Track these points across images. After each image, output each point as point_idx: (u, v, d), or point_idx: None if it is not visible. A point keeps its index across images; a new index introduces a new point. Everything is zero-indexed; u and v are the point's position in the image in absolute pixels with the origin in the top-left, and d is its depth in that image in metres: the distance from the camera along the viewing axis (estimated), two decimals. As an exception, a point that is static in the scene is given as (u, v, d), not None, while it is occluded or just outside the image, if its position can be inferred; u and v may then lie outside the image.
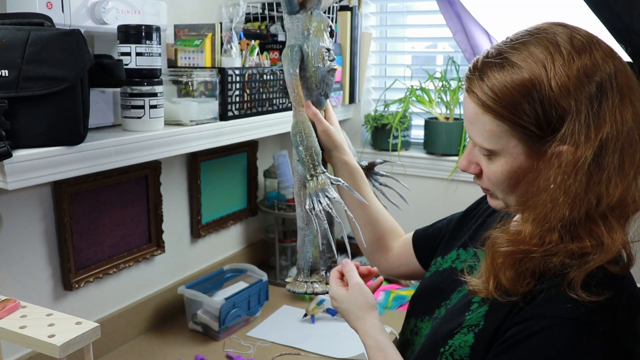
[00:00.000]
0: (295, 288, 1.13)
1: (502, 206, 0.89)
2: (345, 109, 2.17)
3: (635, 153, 0.76)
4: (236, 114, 1.54)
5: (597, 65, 0.75)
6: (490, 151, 0.82)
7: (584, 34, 0.78)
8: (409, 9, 2.17)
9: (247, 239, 2.15)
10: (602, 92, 0.74)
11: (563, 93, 0.74)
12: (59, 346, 0.89)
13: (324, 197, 1.02)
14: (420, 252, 1.19)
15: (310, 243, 1.11)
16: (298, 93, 1.07)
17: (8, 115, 1.02)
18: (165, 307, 1.76)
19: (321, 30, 1.08)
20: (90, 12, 1.24)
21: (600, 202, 0.75)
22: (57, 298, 1.45)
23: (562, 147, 0.75)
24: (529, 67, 0.75)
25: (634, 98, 0.77)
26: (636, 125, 0.76)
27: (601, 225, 0.75)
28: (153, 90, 1.27)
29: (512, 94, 0.76)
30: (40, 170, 1.06)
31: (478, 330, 0.83)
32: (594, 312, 0.73)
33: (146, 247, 1.68)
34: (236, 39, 1.57)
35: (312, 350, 1.60)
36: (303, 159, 1.05)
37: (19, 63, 1.02)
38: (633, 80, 0.78)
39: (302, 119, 1.06)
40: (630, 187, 0.76)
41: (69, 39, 1.05)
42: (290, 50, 1.07)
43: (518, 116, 0.76)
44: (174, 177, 1.77)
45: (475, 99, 0.80)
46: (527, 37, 0.78)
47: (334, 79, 1.13)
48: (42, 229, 1.39)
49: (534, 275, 0.78)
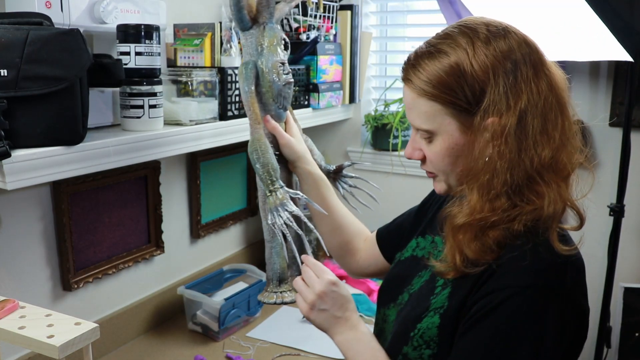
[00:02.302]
0: (265, 299, 1.14)
1: (445, 188, 0.96)
2: (345, 108, 2.17)
3: (557, 118, 0.86)
4: (236, 114, 1.53)
5: (511, 47, 0.85)
6: (428, 132, 0.91)
7: (499, 24, 0.89)
8: (409, 8, 2.17)
9: (247, 239, 2.15)
10: (516, 67, 0.84)
11: (482, 69, 0.84)
12: (58, 347, 0.89)
13: (283, 212, 1.05)
14: (385, 249, 1.22)
15: (277, 255, 1.13)
16: (254, 111, 1.08)
17: (7, 114, 1.01)
18: (164, 307, 1.76)
19: (274, 45, 1.09)
20: (90, 12, 1.24)
21: (534, 163, 0.83)
22: (56, 298, 1.44)
23: (488, 120, 0.84)
24: (454, 52, 0.86)
25: (547, 71, 0.87)
26: (553, 94, 0.86)
27: (542, 184, 0.84)
28: (152, 90, 1.27)
29: (441, 76, 0.86)
30: (39, 170, 1.06)
31: (443, 311, 0.89)
32: (546, 276, 0.81)
33: (145, 247, 1.68)
34: (236, 39, 1.57)
35: (312, 351, 1.60)
36: (261, 176, 1.07)
37: (17, 62, 1.01)
38: (545, 58, 0.89)
39: (257, 137, 1.08)
40: (560, 149, 0.85)
41: (68, 39, 1.05)
42: (245, 68, 1.08)
43: (447, 94, 0.86)
44: (173, 177, 1.77)
45: (411, 86, 0.90)
46: (453, 30, 0.89)
47: (291, 91, 1.14)
48: (41, 229, 1.38)
49: (499, 244, 0.85)
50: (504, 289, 0.81)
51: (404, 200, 1.52)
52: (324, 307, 0.98)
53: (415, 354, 0.90)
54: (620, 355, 1.72)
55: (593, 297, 1.78)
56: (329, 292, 0.97)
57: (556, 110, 0.86)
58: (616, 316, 1.73)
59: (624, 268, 1.81)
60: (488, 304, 0.82)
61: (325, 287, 0.97)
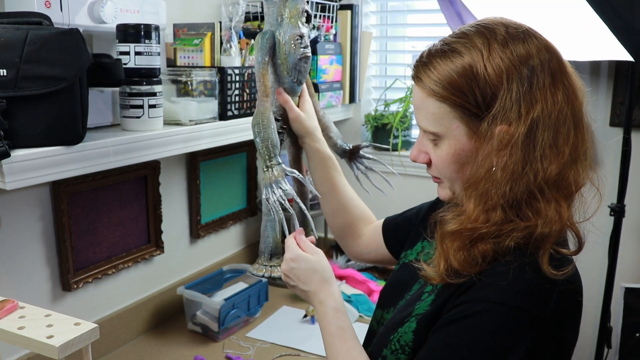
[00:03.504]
0: (255, 271, 1.14)
1: (450, 195, 0.93)
2: (346, 108, 2.17)
3: (569, 132, 0.81)
4: (236, 114, 1.53)
5: (530, 52, 0.82)
6: (435, 135, 0.88)
7: (520, 26, 0.85)
8: (409, 7, 2.17)
9: (247, 239, 2.15)
10: (532, 74, 0.80)
11: (497, 73, 0.80)
12: (57, 347, 0.89)
13: (277, 189, 1.03)
14: (389, 240, 1.21)
15: (272, 228, 1.12)
16: (264, 82, 1.06)
17: (6, 114, 1.01)
18: (164, 307, 1.76)
19: (295, 17, 1.07)
20: (89, 11, 1.23)
21: (537, 178, 0.79)
22: (56, 299, 1.44)
23: (497, 127, 0.80)
24: (468, 53, 0.83)
25: (566, 81, 0.83)
26: (569, 106, 0.82)
27: (542, 201, 0.80)
28: (152, 90, 1.27)
29: (452, 76, 0.83)
30: (39, 170, 1.06)
31: (421, 316, 0.87)
32: (526, 299, 0.77)
33: (145, 247, 1.68)
34: (236, 38, 1.57)
35: (312, 351, 1.59)
36: (260, 150, 1.05)
37: (17, 62, 1.01)
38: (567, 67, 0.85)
39: (262, 110, 1.06)
40: (568, 165, 0.81)
41: (68, 38, 1.04)
42: (261, 37, 1.06)
43: (457, 96, 0.83)
44: (173, 177, 1.76)
45: (421, 85, 0.87)
46: (469, 29, 0.86)
47: (308, 66, 1.12)
48: (40, 229, 1.38)
49: (485, 259, 0.81)
50: (478, 301, 0.79)
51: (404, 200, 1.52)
52: (292, 284, 1.01)
53: (392, 358, 0.89)
54: (621, 355, 1.72)
55: (593, 297, 1.79)
56: (289, 269, 1.00)
57: (570, 124, 0.82)
58: (617, 316, 1.73)
59: (625, 268, 1.81)
60: (462, 312, 0.80)
61: (285, 265, 1.00)
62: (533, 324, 0.77)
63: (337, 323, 0.96)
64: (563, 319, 0.80)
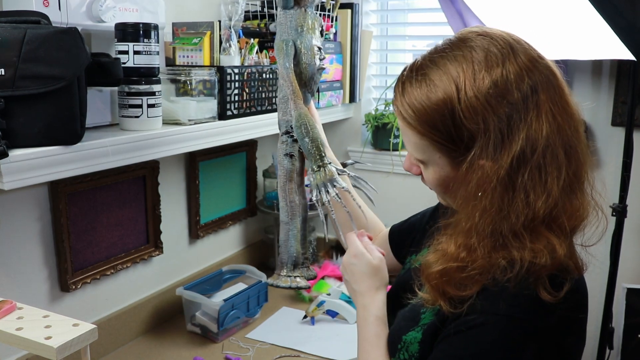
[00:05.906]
0: (279, 282, 1.14)
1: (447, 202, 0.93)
2: (346, 107, 2.16)
3: (560, 168, 0.77)
4: (235, 113, 1.53)
5: (508, 84, 0.76)
6: (420, 161, 0.88)
7: (502, 45, 0.79)
8: (410, 6, 2.16)
9: (246, 240, 2.14)
10: (512, 111, 0.76)
11: (472, 114, 0.77)
12: (55, 348, 0.89)
13: (332, 187, 1.04)
14: (396, 247, 1.21)
15: (294, 237, 1.13)
16: (295, 86, 1.08)
17: (4, 114, 1.01)
18: (163, 308, 1.75)
19: (314, 29, 1.10)
20: (88, 10, 1.23)
21: (520, 220, 0.76)
22: (54, 299, 1.43)
23: (481, 161, 0.78)
24: (443, 86, 0.79)
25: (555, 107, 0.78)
26: (559, 135, 0.77)
27: (529, 241, 0.77)
28: (151, 89, 1.26)
29: (427, 112, 0.80)
30: (37, 170, 1.05)
31: (427, 327, 0.87)
32: (530, 311, 0.77)
33: (144, 247, 1.67)
34: (235, 37, 1.56)
35: (312, 352, 1.59)
36: (310, 150, 1.06)
37: (15, 61, 1.01)
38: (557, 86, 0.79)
39: (303, 112, 1.07)
40: (560, 204, 0.77)
41: (66, 38, 1.04)
42: (285, 45, 1.08)
43: (434, 134, 0.81)
44: (172, 177, 1.76)
45: (399, 114, 0.85)
46: (447, 49, 0.82)
47: (320, 77, 1.15)
48: (38, 230, 1.37)
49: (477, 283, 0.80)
50: (481, 313, 0.78)
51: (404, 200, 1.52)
52: (346, 278, 1.03)
53: None
54: (623, 356, 1.71)
55: (595, 298, 1.79)
56: (348, 264, 1.01)
57: (560, 155, 0.77)
58: (618, 317, 1.72)
59: (627, 269, 1.80)
60: (465, 323, 0.79)
61: (345, 259, 1.02)
62: (537, 335, 0.76)
63: (375, 330, 0.96)
64: (568, 326, 0.79)
